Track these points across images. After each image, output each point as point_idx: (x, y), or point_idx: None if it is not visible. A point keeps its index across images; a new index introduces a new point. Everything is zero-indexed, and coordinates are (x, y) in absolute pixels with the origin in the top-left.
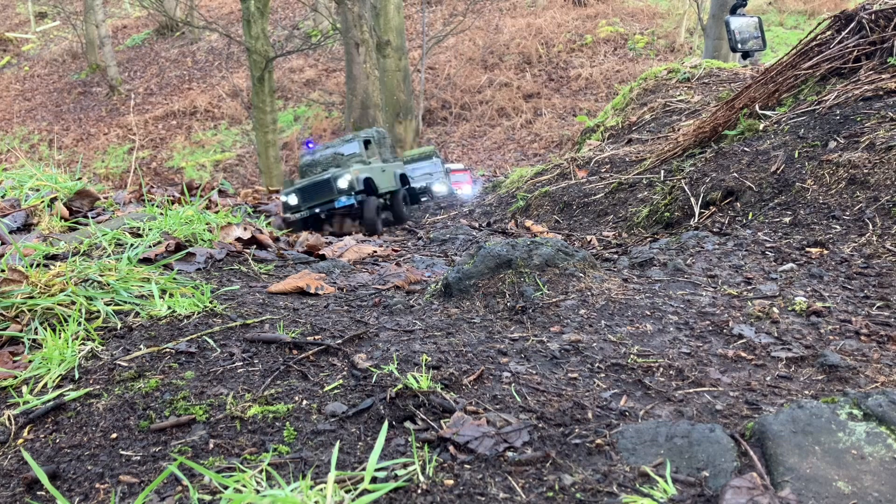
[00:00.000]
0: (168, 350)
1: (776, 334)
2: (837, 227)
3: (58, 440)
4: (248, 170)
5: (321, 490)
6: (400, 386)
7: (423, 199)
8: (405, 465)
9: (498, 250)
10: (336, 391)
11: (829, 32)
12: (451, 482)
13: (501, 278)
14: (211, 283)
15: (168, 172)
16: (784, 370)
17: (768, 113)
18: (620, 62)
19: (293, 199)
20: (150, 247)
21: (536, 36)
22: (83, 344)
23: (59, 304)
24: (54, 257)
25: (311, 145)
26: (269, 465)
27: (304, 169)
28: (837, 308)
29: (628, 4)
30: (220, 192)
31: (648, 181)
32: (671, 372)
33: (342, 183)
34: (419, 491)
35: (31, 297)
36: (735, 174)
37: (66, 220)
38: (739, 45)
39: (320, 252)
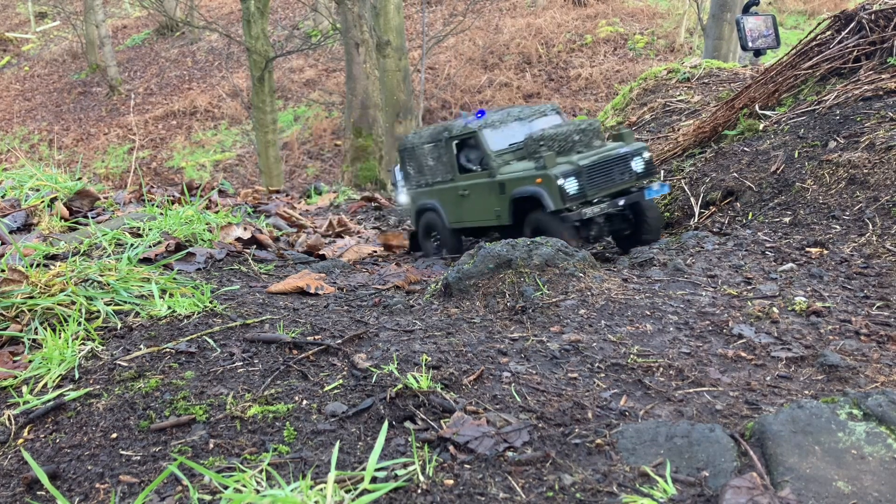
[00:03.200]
0: (168, 350)
1: (776, 334)
2: (837, 227)
3: (58, 440)
4: (248, 170)
5: (321, 490)
6: (400, 386)
7: None
8: (405, 465)
9: (498, 250)
10: (336, 391)
11: (829, 32)
12: (451, 482)
13: (501, 278)
14: (211, 283)
15: (168, 172)
16: (784, 370)
17: (768, 113)
18: (620, 62)
19: (572, 185)
20: (150, 247)
21: (536, 36)
22: (83, 344)
23: (59, 304)
24: (54, 257)
25: (482, 114)
26: (269, 464)
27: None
28: (837, 308)
29: (628, 4)
30: (220, 192)
31: None
32: (671, 372)
33: (638, 164)
34: (419, 491)
35: (31, 297)
36: (735, 174)
37: (66, 220)
38: (751, 44)
39: (320, 252)
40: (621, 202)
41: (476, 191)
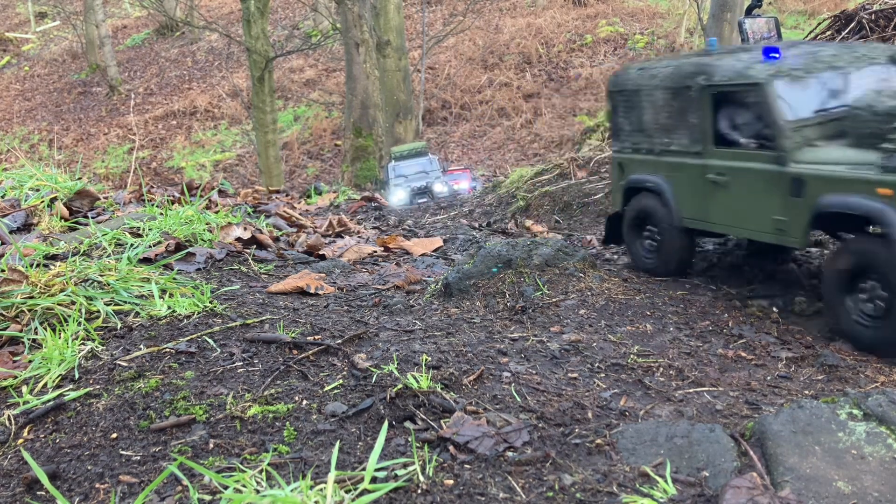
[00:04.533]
0: (168, 350)
1: (776, 334)
2: None
3: (58, 440)
4: (248, 170)
5: (321, 490)
6: (400, 386)
7: (421, 200)
8: (405, 465)
9: (498, 250)
10: (336, 391)
11: (829, 32)
12: (451, 482)
13: (501, 278)
14: (211, 283)
15: (168, 172)
16: (784, 370)
17: None
18: (620, 62)
19: None
20: (150, 247)
21: (536, 36)
22: (83, 344)
23: (59, 304)
24: (54, 257)
25: (774, 54)
26: (269, 464)
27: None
28: None
29: (628, 4)
30: (220, 192)
31: None
32: (671, 372)
33: None
34: (419, 491)
35: (31, 297)
36: None
37: (66, 219)
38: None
39: (320, 252)
40: None
41: (743, 179)
